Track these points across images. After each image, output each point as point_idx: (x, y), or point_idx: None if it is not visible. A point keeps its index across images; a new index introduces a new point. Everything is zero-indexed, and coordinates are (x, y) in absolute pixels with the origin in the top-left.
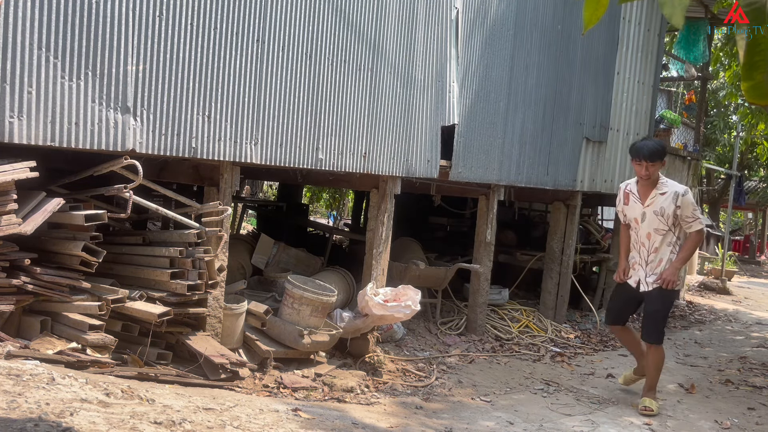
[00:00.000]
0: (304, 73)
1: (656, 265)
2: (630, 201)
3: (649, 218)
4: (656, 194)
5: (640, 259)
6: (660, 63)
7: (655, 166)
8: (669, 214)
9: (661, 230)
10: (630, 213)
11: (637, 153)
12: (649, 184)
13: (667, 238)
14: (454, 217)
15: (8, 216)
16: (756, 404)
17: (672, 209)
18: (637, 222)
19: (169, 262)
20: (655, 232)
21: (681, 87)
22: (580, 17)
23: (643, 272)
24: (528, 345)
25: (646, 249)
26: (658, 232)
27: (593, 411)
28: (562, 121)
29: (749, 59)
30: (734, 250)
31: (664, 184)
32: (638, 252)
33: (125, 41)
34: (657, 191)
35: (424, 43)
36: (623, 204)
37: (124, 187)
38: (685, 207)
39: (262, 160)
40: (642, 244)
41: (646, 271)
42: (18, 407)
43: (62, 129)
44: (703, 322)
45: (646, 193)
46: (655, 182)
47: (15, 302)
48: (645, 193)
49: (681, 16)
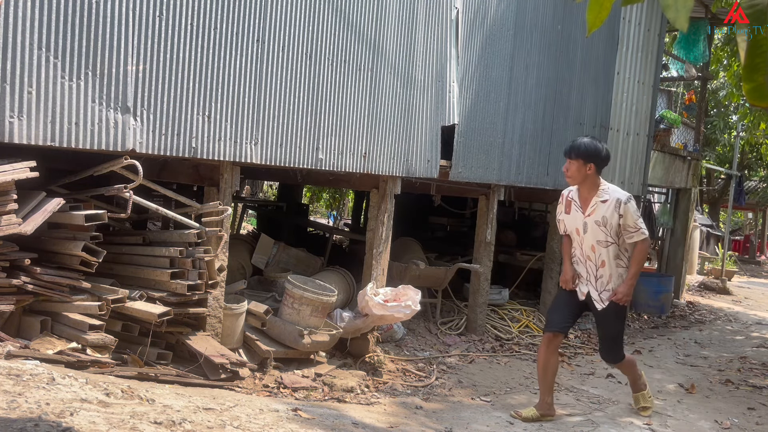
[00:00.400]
0: (304, 73)
1: (607, 281)
2: (571, 209)
3: (591, 229)
4: (597, 202)
5: (588, 274)
6: (660, 63)
7: (574, 165)
8: (612, 224)
9: (604, 242)
10: (570, 223)
11: (566, 147)
12: (588, 189)
13: (612, 250)
14: (454, 217)
15: (8, 216)
16: (756, 404)
17: (615, 219)
18: (579, 233)
19: (169, 262)
20: (598, 245)
21: (681, 87)
22: (581, 17)
23: (594, 290)
24: (528, 345)
25: (593, 263)
26: (602, 244)
27: (593, 411)
28: (562, 121)
29: (750, 61)
30: (734, 250)
31: (605, 191)
32: (585, 267)
33: (125, 41)
34: (597, 198)
35: (424, 43)
36: (564, 213)
37: (124, 187)
38: (628, 216)
39: (262, 160)
40: (588, 258)
41: (596, 287)
42: (18, 407)
43: (62, 129)
44: (703, 322)
45: (587, 201)
46: (595, 188)
47: (15, 302)
48: (586, 200)
49: (685, 19)
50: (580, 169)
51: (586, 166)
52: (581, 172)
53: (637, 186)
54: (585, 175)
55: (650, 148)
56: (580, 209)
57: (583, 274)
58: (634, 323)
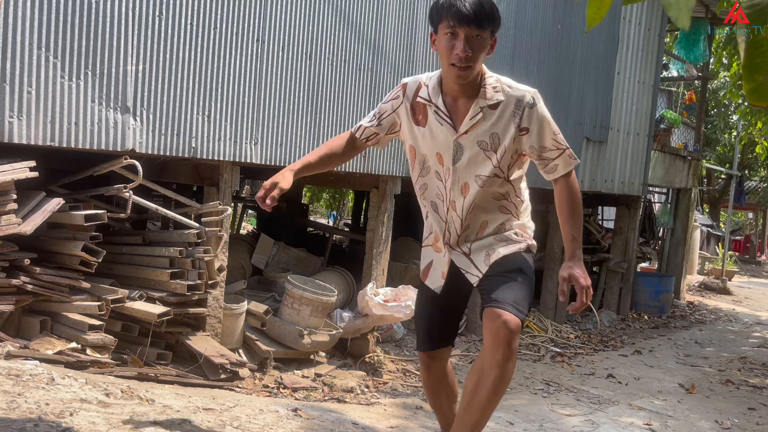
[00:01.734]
0: (304, 72)
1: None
2: (429, 118)
3: (468, 155)
4: (481, 108)
5: (449, 233)
6: (660, 63)
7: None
8: (507, 146)
9: (486, 178)
10: (428, 144)
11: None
12: (467, 85)
13: (494, 194)
14: None
15: (8, 216)
16: (756, 404)
17: (512, 134)
18: (442, 161)
19: (168, 262)
20: (475, 182)
21: (681, 87)
22: (581, 17)
23: (461, 257)
24: (528, 345)
25: (458, 215)
26: (481, 181)
27: (594, 411)
28: (563, 120)
29: (750, 61)
30: (734, 250)
31: (494, 87)
32: (443, 219)
33: (125, 41)
34: (484, 102)
35: (424, 42)
36: (410, 121)
37: (124, 187)
38: (543, 127)
39: (262, 159)
40: (452, 206)
41: (462, 250)
42: (18, 407)
43: (62, 129)
44: (703, 322)
45: (464, 106)
46: (478, 84)
47: (15, 302)
48: (461, 105)
49: (687, 17)
50: (485, 47)
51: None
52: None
53: (638, 186)
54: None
55: (650, 148)
56: (447, 119)
57: (439, 232)
58: (634, 323)
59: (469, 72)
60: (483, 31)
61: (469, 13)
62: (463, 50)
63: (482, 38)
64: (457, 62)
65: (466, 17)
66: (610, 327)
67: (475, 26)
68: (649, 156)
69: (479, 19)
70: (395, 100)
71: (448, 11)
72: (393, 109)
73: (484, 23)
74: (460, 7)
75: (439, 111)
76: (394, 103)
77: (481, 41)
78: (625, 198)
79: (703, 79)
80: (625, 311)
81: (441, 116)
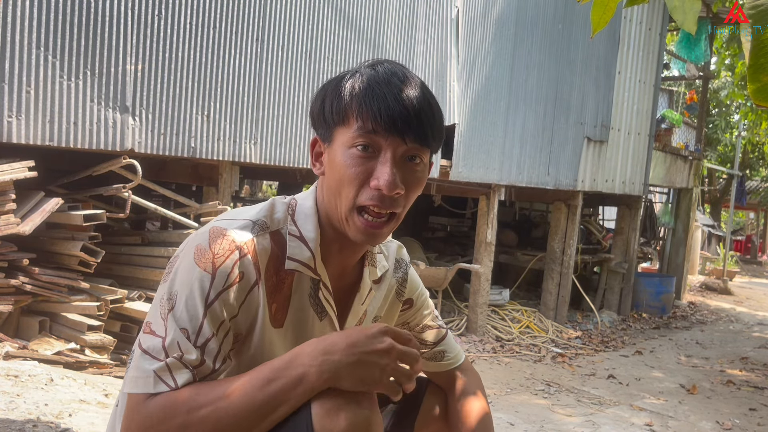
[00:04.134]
0: (303, 72)
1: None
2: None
3: None
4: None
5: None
6: (661, 62)
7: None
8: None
9: None
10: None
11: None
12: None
13: None
14: (454, 217)
15: (6, 216)
16: (757, 405)
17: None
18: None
19: (168, 262)
20: None
21: (682, 86)
22: (582, 16)
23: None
24: (529, 345)
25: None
26: None
27: (594, 412)
28: (563, 120)
29: (755, 61)
30: (736, 250)
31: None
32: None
33: (124, 40)
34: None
35: (425, 42)
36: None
37: (123, 187)
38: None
39: (262, 159)
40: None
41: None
42: (16, 408)
43: (61, 128)
44: (704, 322)
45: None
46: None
47: (13, 302)
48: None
49: (693, 21)
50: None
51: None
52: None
53: (639, 186)
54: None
55: (651, 148)
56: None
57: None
58: (635, 324)
59: (390, 227)
60: (424, 151)
61: (406, 112)
62: (391, 179)
63: (422, 164)
64: (376, 203)
65: (403, 118)
66: (611, 327)
67: (415, 138)
68: (650, 156)
69: (423, 127)
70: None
71: (367, 101)
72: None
73: (429, 135)
74: (390, 100)
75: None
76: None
77: (421, 169)
78: (626, 198)
79: (705, 79)
80: (626, 311)
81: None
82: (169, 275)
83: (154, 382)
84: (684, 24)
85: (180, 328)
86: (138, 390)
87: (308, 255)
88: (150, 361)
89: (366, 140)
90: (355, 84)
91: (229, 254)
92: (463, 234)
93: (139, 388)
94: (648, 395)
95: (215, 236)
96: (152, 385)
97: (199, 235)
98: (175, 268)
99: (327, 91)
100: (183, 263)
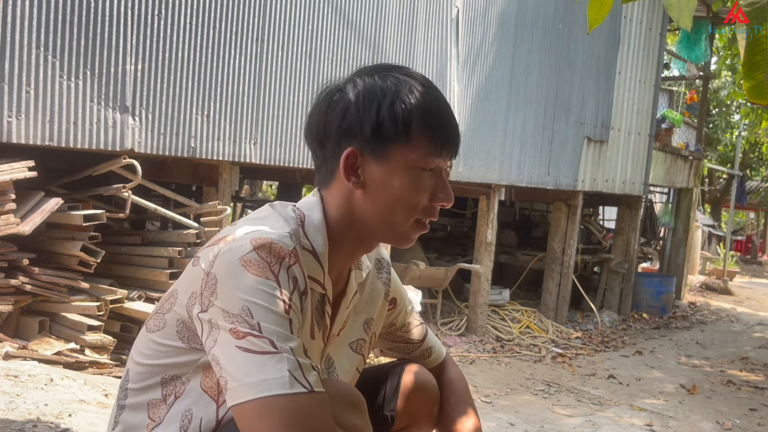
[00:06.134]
0: (303, 72)
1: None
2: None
3: (341, 366)
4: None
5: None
6: (661, 62)
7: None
8: (367, 340)
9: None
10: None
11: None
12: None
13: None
14: (454, 217)
15: (6, 216)
16: (758, 405)
17: (384, 316)
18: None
19: (167, 262)
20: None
21: (683, 86)
22: (582, 16)
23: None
24: (529, 346)
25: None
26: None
27: (594, 412)
28: (563, 120)
29: (750, 59)
30: (736, 250)
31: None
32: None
33: (124, 40)
34: (360, 276)
35: (425, 42)
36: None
37: (123, 187)
38: (405, 296)
39: (262, 159)
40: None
41: None
42: (16, 408)
43: (60, 128)
44: (704, 322)
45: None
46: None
47: (13, 302)
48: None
49: (689, 18)
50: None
51: None
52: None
53: (639, 186)
54: None
55: (651, 148)
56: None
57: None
58: (635, 324)
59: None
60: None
61: (459, 136)
62: (452, 197)
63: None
64: (435, 216)
65: (458, 143)
66: (611, 327)
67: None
68: (651, 156)
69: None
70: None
71: (439, 128)
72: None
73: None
74: (455, 126)
75: (327, 309)
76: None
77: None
78: (626, 198)
79: (705, 79)
80: (626, 311)
81: (324, 316)
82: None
83: (290, 382)
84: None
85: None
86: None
87: (320, 270)
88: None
89: (434, 164)
90: (416, 103)
91: (281, 261)
92: (463, 234)
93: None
94: (648, 395)
95: (261, 246)
96: (288, 386)
97: (235, 249)
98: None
99: (379, 104)
100: (233, 278)
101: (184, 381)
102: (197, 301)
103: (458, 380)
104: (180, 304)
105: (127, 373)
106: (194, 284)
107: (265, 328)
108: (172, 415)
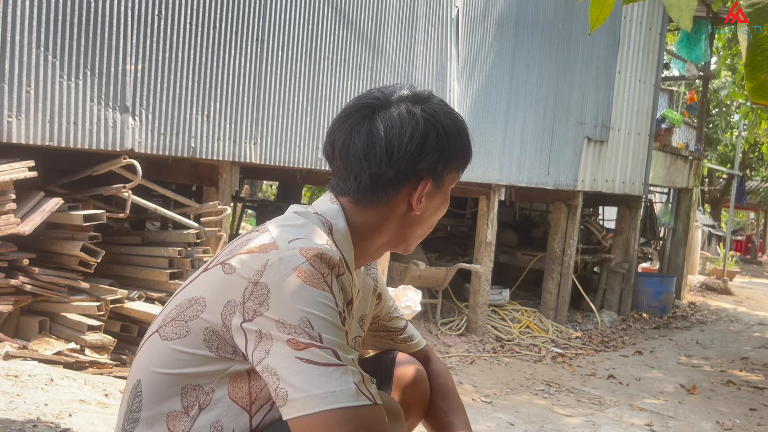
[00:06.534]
0: (303, 72)
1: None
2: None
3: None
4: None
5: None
6: (661, 62)
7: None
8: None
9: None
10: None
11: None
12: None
13: None
14: (454, 217)
15: (6, 216)
16: (758, 405)
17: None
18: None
19: (167, 262)
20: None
21: (683, 86)
22: (582, 16)
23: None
24: (529, 345)
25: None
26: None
27: (594, 412)
28: (563, 120)
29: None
30: (736, 251)
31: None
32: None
33: (124, 40)
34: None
35: (425, 42)
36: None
37: (123, 187)
38: (387, 295)
39: (262, 159)
40: None
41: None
42: (16, 408)
43: (61, 128)
44: (704, 322)
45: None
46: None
47: (13, 302)
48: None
49: (689, 19)
50: None
51: None
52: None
53: (639, 186)
54: None
55: (651, 148)
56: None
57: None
58: (635, 324)
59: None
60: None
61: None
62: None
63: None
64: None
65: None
66: (611, 327)
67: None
68: (650, 156)
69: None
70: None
71: (469, 156)
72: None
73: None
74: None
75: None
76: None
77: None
78: (626, 198)
79: (705, 79)
80: (626, 311)
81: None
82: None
83: (357, 395)
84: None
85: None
86: (340, 404)
87: (351, 278)
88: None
89: (456, 181)
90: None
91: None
92: (463, 234)
93: (341, 402)
94: (648, 395)
95: (313, 256)
96: (356, 398)
97: (286, 259)
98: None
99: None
100: (289, 288)
101: (207, 391)
102: (237, 311)
103: (443, 372)
104: (211, 311)
105: (139, 383)
106: (230, 293)
107: (327, 340)
108: (198, 428)
